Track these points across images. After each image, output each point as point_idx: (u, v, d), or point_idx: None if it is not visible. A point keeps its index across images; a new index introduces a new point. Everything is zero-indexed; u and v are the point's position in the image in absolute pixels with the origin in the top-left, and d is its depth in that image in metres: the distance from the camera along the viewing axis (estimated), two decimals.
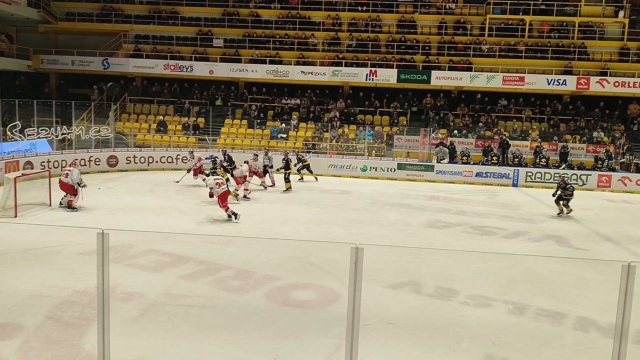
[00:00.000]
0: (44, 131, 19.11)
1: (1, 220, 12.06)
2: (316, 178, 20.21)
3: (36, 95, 23.84)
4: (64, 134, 19.78)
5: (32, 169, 17.00)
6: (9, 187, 12.74)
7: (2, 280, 8.38)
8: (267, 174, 18.36)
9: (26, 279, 8.52)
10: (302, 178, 20.16)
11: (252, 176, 16.88)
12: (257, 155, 18.16)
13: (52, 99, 23.05)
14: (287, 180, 17.85)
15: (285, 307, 7.90)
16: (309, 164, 20.16)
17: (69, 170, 13.56)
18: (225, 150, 19.57)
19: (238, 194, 15.73)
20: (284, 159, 18.25)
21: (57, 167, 18.12)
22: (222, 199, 13.00)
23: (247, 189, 16.16)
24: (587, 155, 22.76)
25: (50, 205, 13.83)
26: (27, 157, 17.82)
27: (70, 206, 13.44)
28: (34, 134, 18.72)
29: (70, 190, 13.46)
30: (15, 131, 18.04)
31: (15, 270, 8.95)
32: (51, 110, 20.01)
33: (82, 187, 13.59)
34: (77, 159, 18.63)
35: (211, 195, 13.38)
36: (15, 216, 12.45)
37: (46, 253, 9.82)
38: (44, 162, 18.07)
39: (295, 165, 18.56)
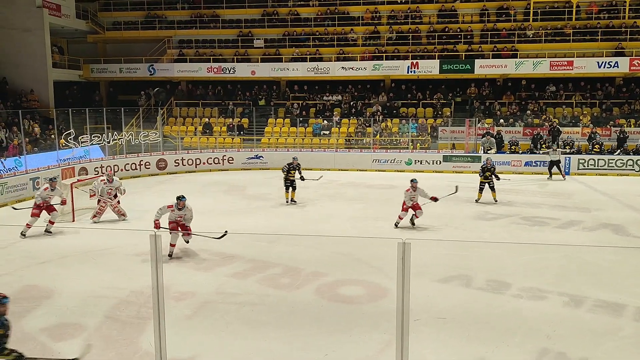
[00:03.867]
0: (97, 138, 19.80)
1: (60, 224, 12.55)
2: None
3: (87, 103, 24.71)
4: (115, 139, 20.45)
5: (86, 174, 17.67)
6: (66, 193, 13.26)
7: (63, 283, 8.74)
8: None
9: (85, 280, 8.87)
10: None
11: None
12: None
13: (103, 106, 23.88)
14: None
15: (334, 303, 7.94)
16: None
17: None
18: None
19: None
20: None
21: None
22: None
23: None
24: None
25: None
26: (81, 164, 18.59)
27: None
28: (87, 141, 19.43)
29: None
30: (70, 139, 18.78)
31: (74, 272, 9.32)
32: (102, 117, 20.70)
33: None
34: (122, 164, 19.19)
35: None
36: (73, 220, 12.97)
37: (103, 255, 10.20)
38: (97, 167, 18.81)
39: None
